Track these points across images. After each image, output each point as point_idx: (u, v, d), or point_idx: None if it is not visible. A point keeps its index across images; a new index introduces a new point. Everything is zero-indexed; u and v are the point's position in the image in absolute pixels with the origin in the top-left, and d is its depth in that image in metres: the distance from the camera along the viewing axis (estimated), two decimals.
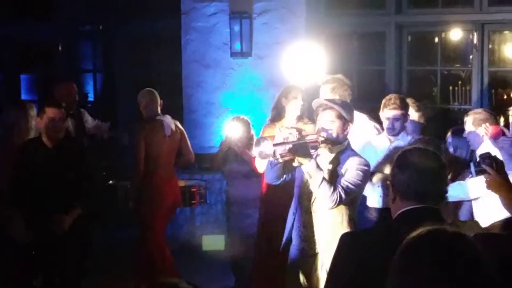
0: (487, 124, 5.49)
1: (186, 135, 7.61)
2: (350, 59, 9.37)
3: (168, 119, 7.38)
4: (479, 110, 6.32)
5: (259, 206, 6.77)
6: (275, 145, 4.74)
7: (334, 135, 4.97)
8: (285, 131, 4.85)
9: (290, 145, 4.72)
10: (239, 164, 7.03)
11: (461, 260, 2.01)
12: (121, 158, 9.83)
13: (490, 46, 9.16)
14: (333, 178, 4.88)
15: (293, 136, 4.80)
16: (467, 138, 5.70)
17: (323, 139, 4.93)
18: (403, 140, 5.90)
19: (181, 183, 7.90)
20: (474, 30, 8.98)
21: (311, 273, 5.03)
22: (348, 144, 5.07)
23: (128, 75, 10.77)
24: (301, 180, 5.08)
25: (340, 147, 5.01)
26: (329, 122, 4.97)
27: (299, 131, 4.87)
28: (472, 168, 4.10)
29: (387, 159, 5.78)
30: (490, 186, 4.04)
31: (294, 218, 5.14)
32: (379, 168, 5.84)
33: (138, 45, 10.80)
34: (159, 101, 7.39)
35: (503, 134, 5.29)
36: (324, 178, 4.77)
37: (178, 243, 8.35)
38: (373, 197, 5.92)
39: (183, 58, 9.52)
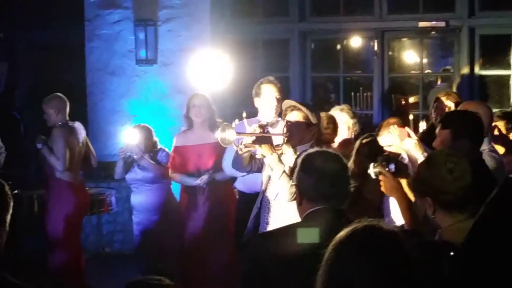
0: (395, 126, 5.53)
1: (89, 140, 7.57)
2: (255, 66, 9.46)
3: (79, 126, 7.33)
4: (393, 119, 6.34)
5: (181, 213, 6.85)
6: (238, 133, 5.01)
7: (298, 136, 5.15)
8: (252, 126, 5.11)
9: (254, 137, 4.98)
10: (142, 171, 7.02)
11: (394, 255, 2.08)
12: (26, 167, 9.65)
13: (390, 53, 9.42)
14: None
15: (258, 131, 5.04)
16: None
17: (287, 137, 5.12)
18: None
19: (89, 191, 7.83)
20: (374, 37, 9.21)
21: None
22: (312, 146, 5.15)
23: (31, 82, 10.58)
24: (267, 178, 5.27)
25: (304, 147, 5.11)
26: (294, 123, 5.15)
27: (263, 127, 5.07)
28: (371, 169, 4.21)
29: None
30: (383, 187, 4.13)
31: (258, 213, 5.28)
32: None
33: (41, 52, 10.63)
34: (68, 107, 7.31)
35: (409, 136, 5.40)
36: (284, 171, 4.93)
37: (85, 252, 8.27)
38: None
39: (87, 66, 9.42)
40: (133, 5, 9.26)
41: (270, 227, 5.13)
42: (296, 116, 5.21)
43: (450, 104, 6.34)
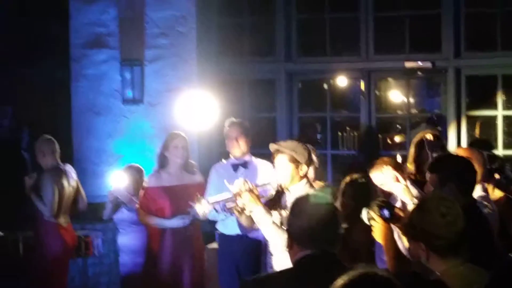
0: (388, 166, 5.46)
1: (80, 183, 7.54)
2: (242, 106, 9.45)
3: (70, 168, 7.31)
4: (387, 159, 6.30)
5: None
6: (210, 203, 5.09)
7: (289, 178, 5.17)
8: (236, 185, 5.10)
9: (228, 200, 5.06)
10: (129, 212, 6.97)
11: None
12: (12, 209, 9.54)
13: (376, 92, 9.43)
14: None
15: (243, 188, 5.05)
16: None
17: (275, 189, 5.25)
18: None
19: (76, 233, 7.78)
20: (361, 77, 9.23)
21: None
22: (305, 184, 5.22)
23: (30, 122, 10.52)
24: None
25: (297, 187, 5.10)
26: (282, 167, 5.16)
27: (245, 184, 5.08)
28: (364, 214, 4.17)
29: None
30: (374, 233, 4.10)
31: (266, 260, 5.34)
32: None
33: (29, 91, 10.57)
34: (58, 149, 7.31)
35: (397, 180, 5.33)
36: (273, 222, 4.91)
37: None
38: None
39: (73, 106, 9.38)
40: (119, 45, 9.26)
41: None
42: (280, 159, 5.21)
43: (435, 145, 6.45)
